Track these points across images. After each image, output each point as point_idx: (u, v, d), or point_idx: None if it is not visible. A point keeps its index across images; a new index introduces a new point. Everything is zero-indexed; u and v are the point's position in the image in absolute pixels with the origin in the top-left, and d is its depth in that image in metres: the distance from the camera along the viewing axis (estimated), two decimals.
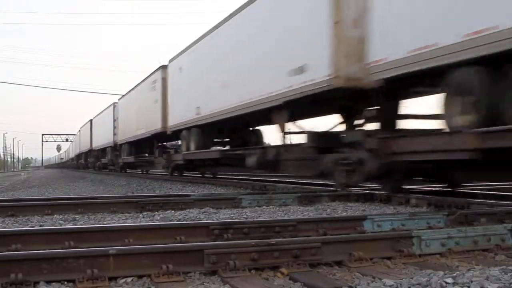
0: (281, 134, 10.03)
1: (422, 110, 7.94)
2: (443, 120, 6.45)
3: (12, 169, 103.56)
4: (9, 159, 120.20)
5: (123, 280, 3.01)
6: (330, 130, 9.40)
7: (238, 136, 14.62)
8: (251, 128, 14.65)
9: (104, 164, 33.32)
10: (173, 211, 6.40)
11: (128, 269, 3.05)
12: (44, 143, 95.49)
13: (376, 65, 6.90)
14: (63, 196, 9.37)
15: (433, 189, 8.30)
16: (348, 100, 8.41)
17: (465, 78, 5.88)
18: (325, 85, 7.78)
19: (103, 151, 33.29)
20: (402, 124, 7.80)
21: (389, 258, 3.44)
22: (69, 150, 76.59)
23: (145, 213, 6.30)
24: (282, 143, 10.10)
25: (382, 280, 2.82)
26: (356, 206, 6.97)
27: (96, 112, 36.75)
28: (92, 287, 2.87)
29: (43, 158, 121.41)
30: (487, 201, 6.38)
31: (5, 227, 5.12)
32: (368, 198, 7.56)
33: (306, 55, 8.47)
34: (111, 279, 2.97)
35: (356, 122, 8.69)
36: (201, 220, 5.50)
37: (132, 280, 3.01)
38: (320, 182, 9.67)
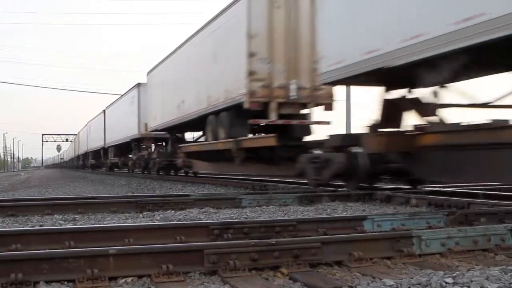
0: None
1: None
2: None
3: (12, 169, 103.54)
4: (9, 159, 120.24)
5: (123, 280, 3.01)
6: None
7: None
8: None
9: (98, 165, 36.67)
10: (173, 211, 6.40)
11: (128, 269, 3.05)
12: (44, 143, 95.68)
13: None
14: (63, 196, 9.38)
15: (433, 189, 8.30)
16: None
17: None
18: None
19: (96, 152, 36.23)
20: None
21: (389, 258, 3.43)
22: (69, 151, 76.99)
23: (145, 213, 6.30)
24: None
25: (382, 280, 2.82)
26: (356, 206, 6.97)
27: (95, 112, 38.74)
28: (92, 287, 2.87)
29: (43, 158, 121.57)
30: (487, 201, 6.38)
31: (5, 227, 5.11)
32: (368, 198, 7.57)
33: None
34: (111, 279, 2.97)
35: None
36: (201, 220, 5.50)
37: (132, 280, 3.01)
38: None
